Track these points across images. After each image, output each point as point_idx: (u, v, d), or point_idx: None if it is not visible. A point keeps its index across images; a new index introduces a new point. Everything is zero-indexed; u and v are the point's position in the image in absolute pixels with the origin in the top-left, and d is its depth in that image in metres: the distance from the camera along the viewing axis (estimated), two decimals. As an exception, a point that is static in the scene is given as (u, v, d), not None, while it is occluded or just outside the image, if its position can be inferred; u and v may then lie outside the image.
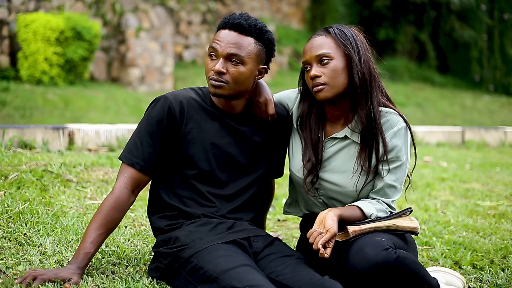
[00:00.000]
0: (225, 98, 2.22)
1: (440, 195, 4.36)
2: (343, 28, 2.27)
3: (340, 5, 14.27)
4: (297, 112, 2.39)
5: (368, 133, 2.23)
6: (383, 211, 2.24)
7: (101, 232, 2.14)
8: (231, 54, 2.16)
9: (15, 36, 9.14)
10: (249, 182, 2.31)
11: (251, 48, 2.19)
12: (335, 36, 2.23)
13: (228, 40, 2.17)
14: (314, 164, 2.29)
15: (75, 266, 2.09)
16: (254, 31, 2.20)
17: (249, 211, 2.32)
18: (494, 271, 2.71)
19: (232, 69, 2.17)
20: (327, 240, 2.07)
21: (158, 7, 11.02)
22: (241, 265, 2.00)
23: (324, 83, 2.20)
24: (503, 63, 15.26)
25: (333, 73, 2.20)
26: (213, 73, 2.18)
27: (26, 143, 4.40)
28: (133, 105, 9.07)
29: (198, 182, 2.24)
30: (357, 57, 2.21)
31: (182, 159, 2.24)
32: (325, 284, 1.96)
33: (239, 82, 2.19)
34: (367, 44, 2.28)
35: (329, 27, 2.28)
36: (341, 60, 2.21)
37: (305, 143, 2.33)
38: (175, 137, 2.22)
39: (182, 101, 2.22)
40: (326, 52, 2.21)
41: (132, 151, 2.20)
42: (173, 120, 2.20)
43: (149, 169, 2.21)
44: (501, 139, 8.28)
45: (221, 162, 2.25)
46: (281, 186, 4.06)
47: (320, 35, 2.26)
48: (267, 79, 11.67)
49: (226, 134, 2.27)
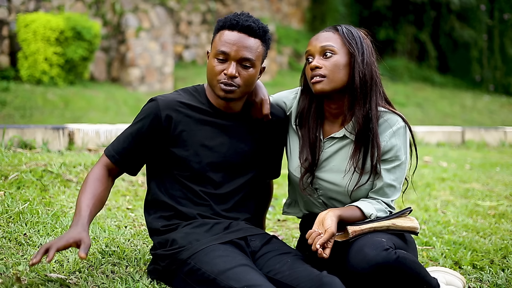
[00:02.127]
0: (232, 101, 2.22)
1: (440, 195, 4.36)
2: (352, 28, 2.28)
3: (340, 5, 14.27)
4: (296, 110, 2.39)
5: (363, 135, 2.23)
6: (383, 211, 2.23)
7: (89, 197, 2.14)
8: (244, 58, 2.16)
9: (15, 36, 9.14)
10: (243, 182, 2.30)
11: (259, 50, 2.20)
12: (342, 34, 2.24)
13: (240, 44, 2.16)
14: (310, 163, 2.29)
15: (79, 226, 2.03)
16: (261, 33, 2.21)
17: (244, 211, 2.32)
18: (494, 271, 2.71)
19: (243, 73, 2.17)
20: (325, 240, 2.07)
21: (158, 7, 11.02)
22: (238, 265, 2.00)
23: (324, 76, 2.20)
24: (503, 63, 15.26)
25: (334, 67, 2.20)
26: (224, 77, 2.16)
27: (26, 143, 4.40)
28: (133, 105, 9.06)
29: (192, 182, 2.24)
30: (360, 58, 2.21)
31: (173, 161, 2.24)
32: (323, 280, 1.96)
33: (248, 85, 2.20)
34: (372, 48, 2.29)
35: (338, 25, 2.30)
36: (344, 57, 2.22)
37: (303, 141, 2.32)
38: (160, 139, 2.22)
39: (171, 104, 2.22)
40: (330, 45, 2.22)
41: (113, 144, 2.29)
42: (157, 123, 2.21)
43: (121, 164, 2.26)
44: (501, 139, 8.28)
45: (214, 163, 2.25)
46: (281, 186, 4.06)
47: (328, 31, 2.28)
48: (267, 79, 11.67)
49: (219, 135, 2.26)
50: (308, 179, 2.31)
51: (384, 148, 2.23)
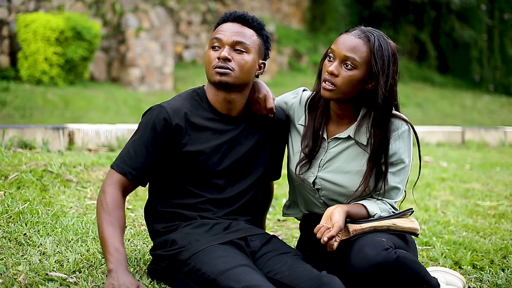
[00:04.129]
0: (228, 88, 2.21)
1: (440, 195, 4.36)
2: (384, 43, 2.17)
3: (340, 5, 14.27)
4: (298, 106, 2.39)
5: (378, 156, 2.22)
6: (386, 211, 2.24)
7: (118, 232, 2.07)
8: (236, 42, 2.19)
9: (15, 36, 9.13)
10: (247, 185, 2.30)
11: (254, 39, 2.23)
12: (373, 48, 2.15)
13: (232, 30, 2.21)
14: (311, 149, 2.29)
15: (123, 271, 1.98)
16: (255, 24, 2.24)
17: (246, 214, 2.32)
18: (494, 271, 2.71)
19: (237, 57, 2.19)
20: (334, 234, 2.07)
21: (158, 7, 11.01)
22: (238, 265, 2.00)
23: (335, 85, 2.17)
24: (503, 63, 15.26)
25: (348, 82, 2.16)
26: (217, 61, 2.18)
27: (26, 143, 4.40)
28: (133, 105, 9.06)
29: (196, 188, 2.23)
30: (384, 79, 2.15)
31: (180, 168, 2.23)
32: (322, 280, 1.96)
33: (244, 71, 2.19)
34: (398, 66, 2.21)
35: (373, 33, 2.18)
36: (363, 73, 2.16)
37: (307, 127, 2.32)
38: (171, 147, 2.20)
39: (178, 111, 2.20)
40: (354, 58, 2.15)
41: (125, 160, 2.17)
42: (169, 130, 2.18)
43: (139, 179, 2.19)
44: (501, 139, 8.28)
45: (218, 167, 2.24)
46: (281, 186, 4.06)
47: (359, 37, 2.18)
48: (267, 79, 11.67)
49: (222, 139, 2.26)
50: (305, 168, 2.31)
51: (390, 152, 2.24)
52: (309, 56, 13.61)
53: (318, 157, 2.32)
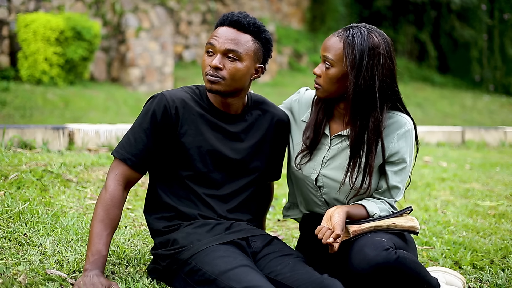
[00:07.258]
0: (221, 95, 2.21)
1: (440, 195, 4.36)
2: (359, 37, 2.13)
3: (340, 5, 14.27)
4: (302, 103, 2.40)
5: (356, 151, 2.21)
6: (386, 210, 2.24)
7: (108, 232, 2.12)
8: (228, 50, 2.16)
9: (15, 36, 9.14)
10: (245, 183, 2.31)
11: (249, 45, 2.19)
12: (346, 44, 2.14)
13: (226, 36, 2.17)
14: (312, 140, 2.30)
15: (98, 273, 2.04)
16: (253, 29, 2.20)
17: (245, 212, 2.32)
18: (494, 271, 2.71)
19: (229, 65, 2.16)
20: (339, 233, 2.07)
21: (158, 7, 11.01)
22: (239, 265, 2.00)
23: (320, 85, 2.21)
24: (503, 63, 15.27)
25: (328, 80, 2.19)
26: (209, 69, 2.17)
27: (26, 143, 4.40)
28: (133, 105, 9.06)
29: (194, 183, 2.23)
30: (354, 74, 2.12)
31: (177, 159, 2.23)
32: (324, 283, 1.96)
33: (235, 79, 2.18)
34: (385, 58, 2.15)
35: (350, 28, 2.17)
36: (340, 70, 2.17)
37: (311, 119, 2.33)
38: (169, 135, 2.21)
39: (178, 100, 2.21)
40: (328, 56, 2.18)
41: (124, 147, 2.19)
42: (168, 118, 2.19)
43: (139, 166, 2.19)
44: (501, 139, 8.28)
45: (216, 163, 2.25)
46: (281, 186, 4.06)
47: (338, 35, 2.19)
48: (267, 79, 11.67)
49: (221, 135, 2.26)
50: (305, 159, 2.31)
51: (392, 150, 2.23)
52: (309, 56, 13.62)
53: (321, 154, 2.32)
